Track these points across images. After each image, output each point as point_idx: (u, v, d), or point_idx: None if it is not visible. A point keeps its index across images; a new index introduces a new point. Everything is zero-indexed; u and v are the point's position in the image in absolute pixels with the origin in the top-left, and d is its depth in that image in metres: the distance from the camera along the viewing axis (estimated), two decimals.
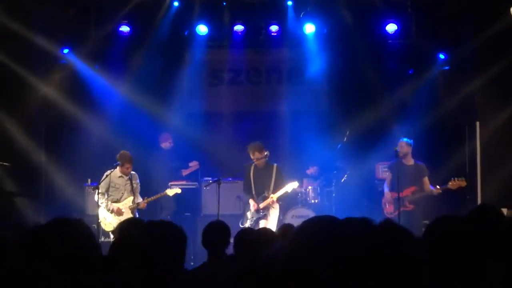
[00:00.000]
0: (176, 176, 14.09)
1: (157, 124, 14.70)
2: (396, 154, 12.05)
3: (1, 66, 12.73)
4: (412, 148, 12.29)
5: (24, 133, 13.20)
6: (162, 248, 3.48)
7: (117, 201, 12.17)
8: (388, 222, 3.49)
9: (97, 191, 11.94)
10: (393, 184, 12.28)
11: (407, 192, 12.05)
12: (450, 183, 11.82)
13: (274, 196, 12.03)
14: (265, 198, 12.09)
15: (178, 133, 14.42)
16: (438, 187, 11.97)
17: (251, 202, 12.22)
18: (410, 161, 12.26)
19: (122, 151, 12.22)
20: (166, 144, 14.20)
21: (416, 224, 11.47)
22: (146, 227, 3.75)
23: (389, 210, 12.39)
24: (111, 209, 12.06)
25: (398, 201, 11.86)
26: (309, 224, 2.88)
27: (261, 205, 12.10)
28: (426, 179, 12.17)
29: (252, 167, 12.34)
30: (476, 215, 5.76)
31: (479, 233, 3.69)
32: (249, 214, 12.23)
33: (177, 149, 14.30)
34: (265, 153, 12.15)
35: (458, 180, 11.77)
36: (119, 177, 12.16)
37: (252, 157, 12.19)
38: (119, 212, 12.04)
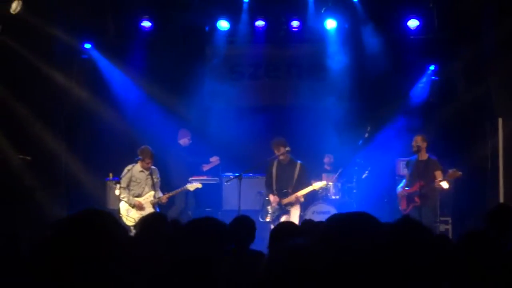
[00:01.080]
0: (196, 171, 14.13)
1: (177, 119, 14.74)
2: (418, 150, 12.07)
3: (23, 61, 12.78)
4: (428, 143, 12.24)
5: (46, 127, 13.26)
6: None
7: (139, 195, 12.22)
8: (405, 219, 3.48)
9: (118, 185, 12.00)
10: (409, 180, 12.30)
11: (415, 187, 12.00)
12: (448, 174, 11.76)
13: (300, 193, 11.99)
14: (287, 194, 12.04)
15: (199, 128, 14.47)
16: (441, 180, 11.90)
17: (272, 197, 12.18)
18: (424, 156, 12.20)
19: (143, 146, 12.27)
20: (184, 141, 14.18)
21: (426, 219, 11.41)
22: (191, 226, 3.69)
23: (402, 206, 12.36)
24: (133, 203, 12.11)
25: (415, 196, 11.90)
26: (337, 219, 2.88)
27: (285, 201, 12.06)
28: (438, 173, 12.05)
29: (275, 163, 12.27)
30: (494, 215, 5.75)
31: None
32: (269, 209, 12.18)
33: (198, 144, 14.31)
34: (287, 148, 12.12)
35: (453, 171, 11.69)
36: (140, 171, 12.21)
37: (277, 152, 12.13)
38: (140, 207, 12.09)
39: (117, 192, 12.09)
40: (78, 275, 2.64)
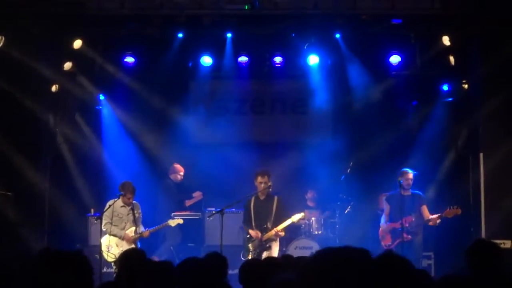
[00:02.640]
0: (179, 207, 14.08)
1: (161, 154, 14.80)
2: (400, 185, 12.11)
3: (6, 95, 12.74)
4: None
5: (29, 162, 13.19)
6: None
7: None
8: (389, 255, 3.48)
9: (100, 220, 11.95)
10: (392, 216, 12.31)
11: (404, 222, 12.02)
12: (446, 212, 11.89)
13: (279, 227, 11.90)
14: (267, 229, 11.96)
15: (182, 163, 14.42)
16: (435, 216, 12.02)
17: (253, 232, 12.04)
18: (408, 191, 12.25)
19: (124, 181, 12.25)
20: (175, 176, 14.18)
21: (415, 255, 11.49)
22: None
23: (386, 242, 12.34)
24: (122, 236, 12.05)
25: (401, 231, 11.91)
26: (320, 256, 2.88)
27: (265, 237, 11.97)
28: (424, 207, 12.21)
29: (253, 199, 12.16)
30: (474, 252, 5.77)
31: None
32: (251, 246, 12.04)
33: (182, 179, 14.33)
34: (269, 183, 12.06)
35: (453, 208, 11.83)
36: (122, 206, 12.16)
37: (261, 180, 11.97)
38: (129, 240, 12.02)
39: (104, 228, 12.03)
40: None
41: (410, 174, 12.33)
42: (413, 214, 12.12)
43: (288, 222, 12.00)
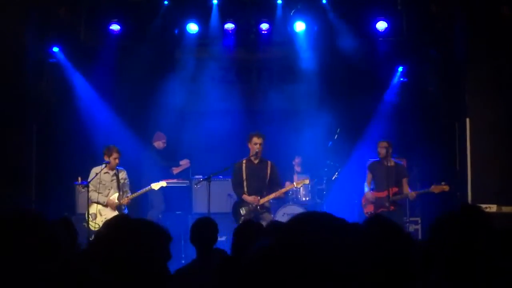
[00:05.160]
0: (167, 175, 14.07)
1: (147, 122, 14.75)
2: (386, 154, 12.14)
3: None
4: (392, 148, 12.35)
5: (14, 130, 13.10)
6: (143, 246, 3.33)
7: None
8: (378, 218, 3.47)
9: (87, 188, 11.93)
10: (375, 185, 12.33)
11: (386, 192, 12.05)
12: (432, 187, 11.88)
13: (282, 190, 12.04)
14: (263, 196, 11.83)
15: (168, 131, 14.40)
16: (415, 192, 12.07)
17: (250, 197, 11.76)
18: (391, 162, 12.23)
19: (108, 145, 12.22)
20: (158, 144, 14.14)
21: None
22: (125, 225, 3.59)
23: (369, 210, 12.37)
24: (105, 202, 12.06)
25: (384, 201, 11.99)
26: (299, 219, 2.83)
27: (262, 201, 11.77)
28: (405, 181, 12.22)
29: (244, 163, 11.95)
30: (458, 216, 5.78)
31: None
32: (242, 211, 11.75)
33: (168, 147, 14.29)
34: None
35: (441, 185, 11.81)
36: (105, 173, 12.12)
37: (256, 141, 11.77)
38: (112, 206, 12.03)
39: (91, 195, 12.03)
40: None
41: (385, 142, 12.27)
42: (398, 186, 12.15)
43: (290, 186, 12.49)
